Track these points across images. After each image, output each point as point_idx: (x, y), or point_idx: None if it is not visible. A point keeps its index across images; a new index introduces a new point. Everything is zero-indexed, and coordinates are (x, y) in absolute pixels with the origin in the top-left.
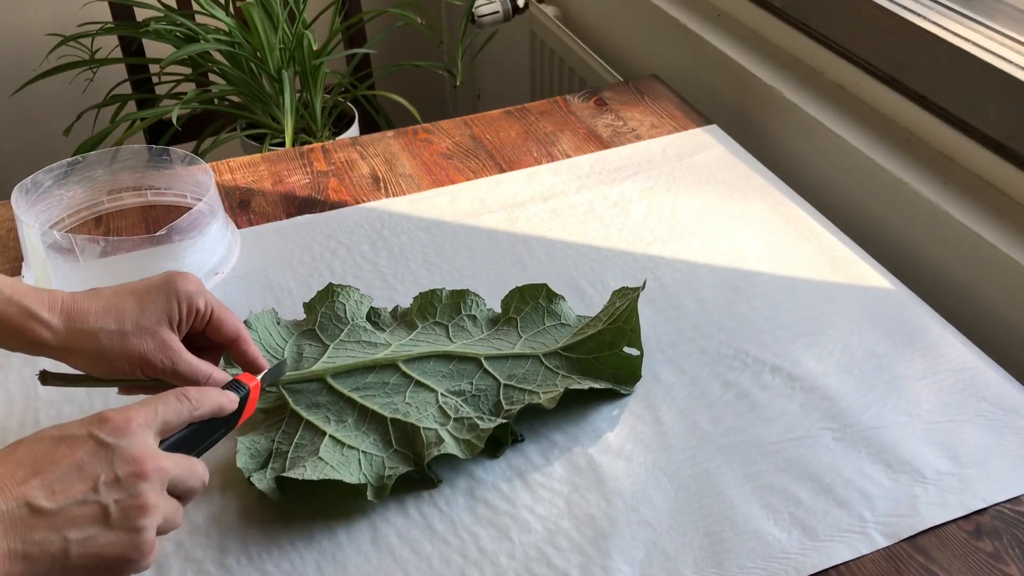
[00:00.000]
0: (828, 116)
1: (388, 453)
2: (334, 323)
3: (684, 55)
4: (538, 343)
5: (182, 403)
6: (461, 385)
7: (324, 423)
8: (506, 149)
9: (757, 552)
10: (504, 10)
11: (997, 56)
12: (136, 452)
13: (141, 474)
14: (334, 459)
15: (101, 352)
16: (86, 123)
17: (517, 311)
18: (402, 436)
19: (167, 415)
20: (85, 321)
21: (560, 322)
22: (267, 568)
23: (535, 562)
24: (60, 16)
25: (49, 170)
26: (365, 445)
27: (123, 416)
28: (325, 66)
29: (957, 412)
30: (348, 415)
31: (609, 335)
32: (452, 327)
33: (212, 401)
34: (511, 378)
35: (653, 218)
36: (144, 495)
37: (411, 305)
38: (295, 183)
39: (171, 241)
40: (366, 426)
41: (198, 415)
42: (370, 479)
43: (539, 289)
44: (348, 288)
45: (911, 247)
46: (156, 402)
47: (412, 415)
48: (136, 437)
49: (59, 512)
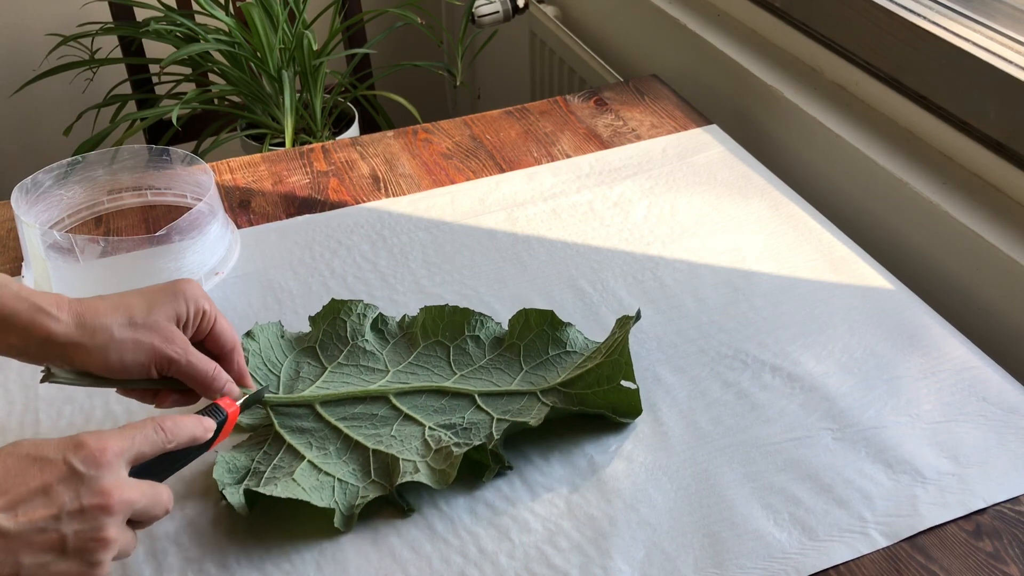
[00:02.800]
0: (828, 116)
1: (365, 483)
2: (335, 342)
3: (684, 55)
4: (538, 376)
5: (158, 435)
6: (452, 419)
7: (306, 448)
8: (506, 149)
9: (757, 552)
10: (504, 10)
11: (997, 56)
12: (105, 484)
13: (106, 508)
14: (308, 483)
15: (113, 345)
16: (86, 123)
17: (522, 336)
18: (381, 467)
19: (142, 447)
20: (96, 316)
21: (565, 350)
22: (267, 568)
23: (535, 562)
24: (60, 16)
25: (49, 170)
26: (343, 474)
27: (99, 444)
28: (325, 66)
29: (957, 412)
30: (331, 443)
31: (606, 369)
32: (454, 349)
33: (187, 432)
34: (505, 413)
35: (653, 218)
36: (105, 529)
37: (417, 316)
38: (295, 183)
39: (171, 241)
40: (348, 455)
41: (171, 447)
42: (341, 506)
43: (545, 316)
44: (351, 303)
45: (911, 247)
46: (133, 432)
47: (395, 447)
48: (109, 468)
49: (17, 535)
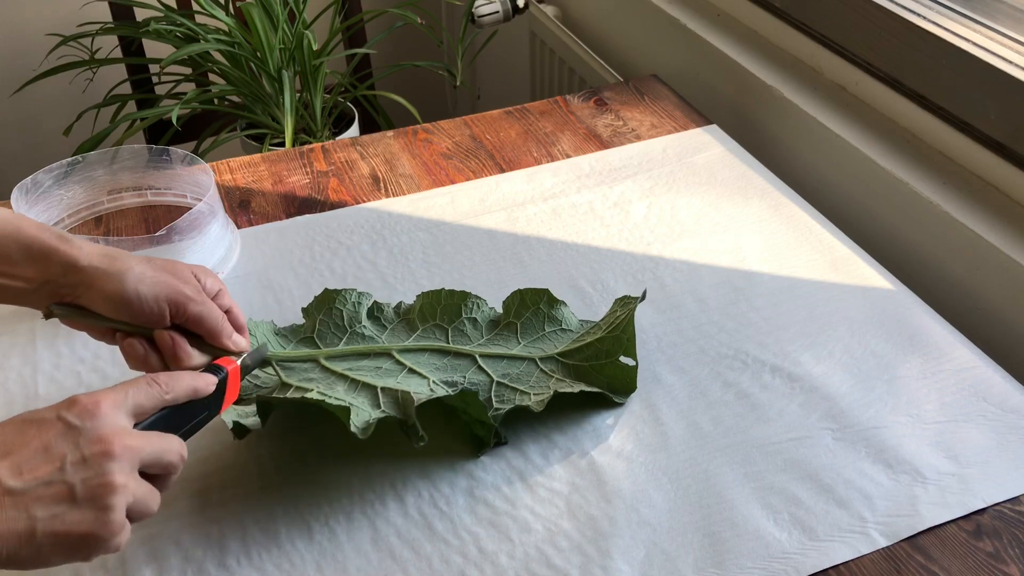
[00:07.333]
0: (828, 116)
1: (376, 412)
2: (332, 331)
3: (684, 55)
4: (536, 348)
5: (152, 387)
6: (454, 377)
7: (312, 393)
8: (506, 149)
9: (757, 552)
10: (504, 10)
11: (997, 56)
12: (103, 432)
13: (108, 453)
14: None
15: (132, 275)
16: (86, 123)
17: (518, 315)
18: (391, 400)
19: (138, 398)
20: (118, 252)
21: (561, 327)
22: (267, 568)
23: (535, 562)
24: (60, 16)
25: (49, 170)
26: (355, 403)
27: (92, 399)
28: (325, 66)
29: (957, 412)
30: (338, 386)
31: (607, 344)
32: (452, 331)
33: (185, 385)
34: (504, 376)
35: (653, 218)
36: (111, 474)
37: (414, 303)
38: (295, 183)
39: (171, 241)
40: (355, 393)
41: (171, 399)
42: (355, 420)
43: (541, 294)
44: (346, 292)
45: (911, 247)
46: (126, 386)
47: (402, 388)
48: (105, 418)
49: (25, 492)
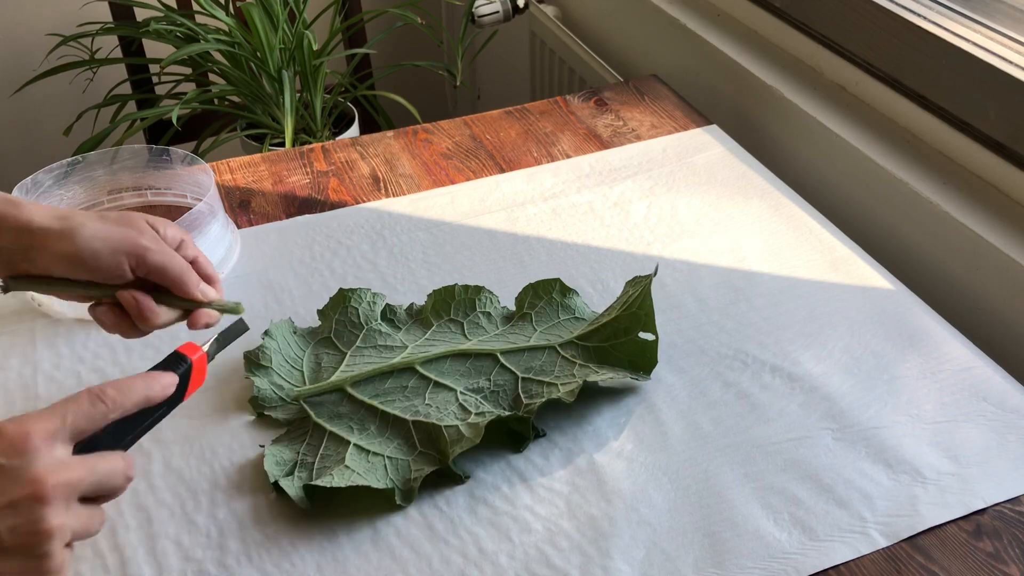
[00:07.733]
0: (828, 116)
1: (413, 456)
2: (349, 329)
3: (684, 55)
4: (554, 335)
5: (96, 407)
6: (479, 383)
7: (348, 432)
8: (506, 149)
9: (757, 552)
10: (504, 10)
11: (997, 56)
12: (35, 472)
13: (40, 497)
14: (360, 467)
15: (85, 231)
16: (86, 123)
17: (531, 306)
18: (425, 437)
19: (78, 422)
20: (69, 212)
21: (575, 316)
22: (267, 568)
23: (535, 562)
24: (60, 16)
25: (49, 170)
26: (390, 450)
27: (21, 430)
28: (325, 66)
29: (957, 412)
30: (370, 423)
31: (624, 322)
32: (467, 324)
33: (135, 396)
34: (528, 371)
35: (653, 218)
36: (44, 520)
37: (426, 302)
38: (295, 183)
39: None
40: (389, 431)
41: (117, 416)
42: (397, 483)
43: (553, 284)
44: (360, 291)
45: (911, 247)
46: (64, 408)
47: (433, 415)
48: (35, 453)
49: None
